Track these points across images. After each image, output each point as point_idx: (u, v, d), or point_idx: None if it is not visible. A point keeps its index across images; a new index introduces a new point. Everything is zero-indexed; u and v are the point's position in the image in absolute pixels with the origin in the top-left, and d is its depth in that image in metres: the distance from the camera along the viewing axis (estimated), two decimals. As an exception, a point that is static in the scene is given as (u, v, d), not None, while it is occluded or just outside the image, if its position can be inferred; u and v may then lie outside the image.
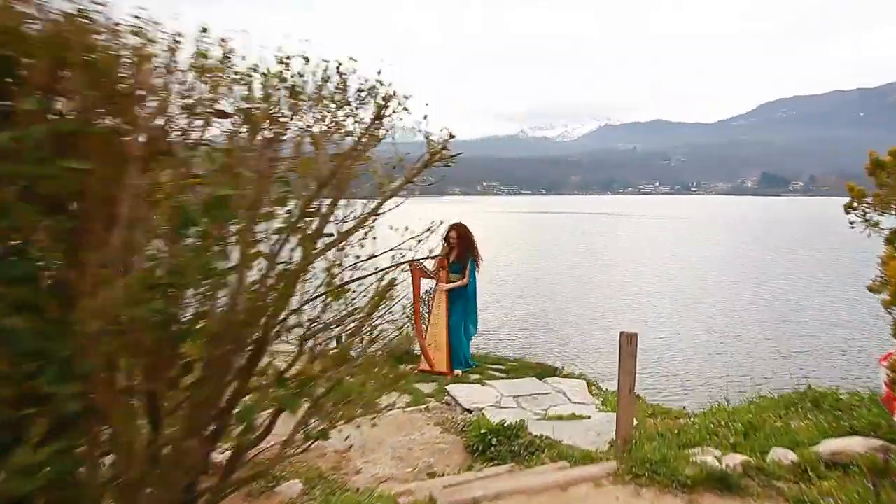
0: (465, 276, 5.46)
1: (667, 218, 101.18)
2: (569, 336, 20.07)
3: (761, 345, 14.02)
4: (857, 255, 28.52)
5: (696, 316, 18.03)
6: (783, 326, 17.51)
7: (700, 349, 13.15)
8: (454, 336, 5.39)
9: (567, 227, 76.75)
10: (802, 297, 21.33)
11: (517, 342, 21.39)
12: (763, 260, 35.48)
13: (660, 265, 41.09)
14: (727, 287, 25.77)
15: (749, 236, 51.51)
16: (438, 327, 5.42)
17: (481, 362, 5.88)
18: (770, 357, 13.80)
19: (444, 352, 5.32)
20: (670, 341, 13.87)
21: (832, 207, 12.64)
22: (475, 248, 5.50)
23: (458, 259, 5.45)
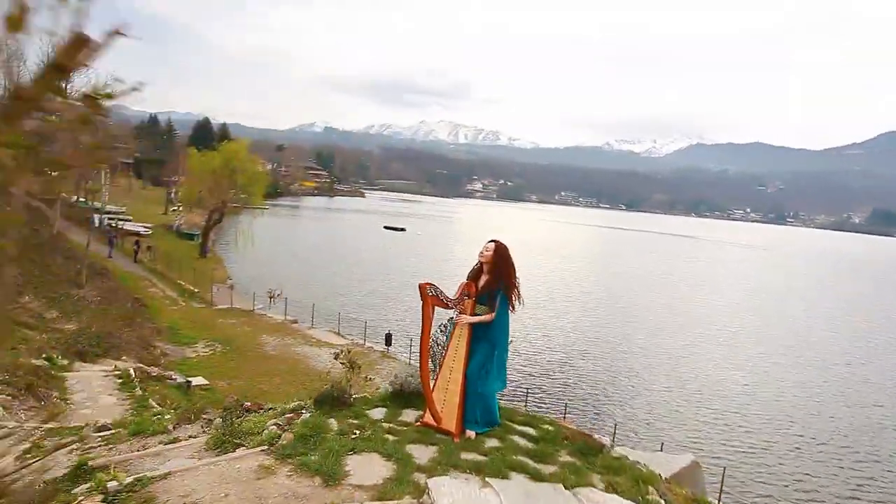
0: (492, 313, 4.12)
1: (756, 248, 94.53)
2: (624, 386, 19.60)
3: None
4: None
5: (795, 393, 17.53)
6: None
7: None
8: (472, 385, 4.05)
9: (644, 249, 73.82)
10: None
11: (562, 382, 21.31)
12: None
13: (747, 308, 39.12)
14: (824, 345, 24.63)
15: (858, 278, 47.83)
16: (453, 371, 4.09)
17: (508, 418, 4.51)
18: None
19: (457, 404, 3.99)
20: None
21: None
22: (512, 277, 4.12)
23: (487, 287, 4.15)
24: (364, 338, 21.18)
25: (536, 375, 18.53)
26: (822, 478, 13.79)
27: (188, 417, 4.94)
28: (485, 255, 4.21)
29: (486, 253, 4.20)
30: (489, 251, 4.20)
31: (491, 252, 4.19)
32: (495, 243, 4.23)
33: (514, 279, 4.20)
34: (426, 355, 4.05)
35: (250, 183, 35.77)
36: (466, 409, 4.06)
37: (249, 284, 28.35)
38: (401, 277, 35.75)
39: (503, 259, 4.19)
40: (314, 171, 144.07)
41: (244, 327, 20.85)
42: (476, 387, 4.09)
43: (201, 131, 74.15)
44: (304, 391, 15.60)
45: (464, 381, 4.09)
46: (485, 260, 4.22)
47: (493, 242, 4.23)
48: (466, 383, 4.09)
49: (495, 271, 4.17)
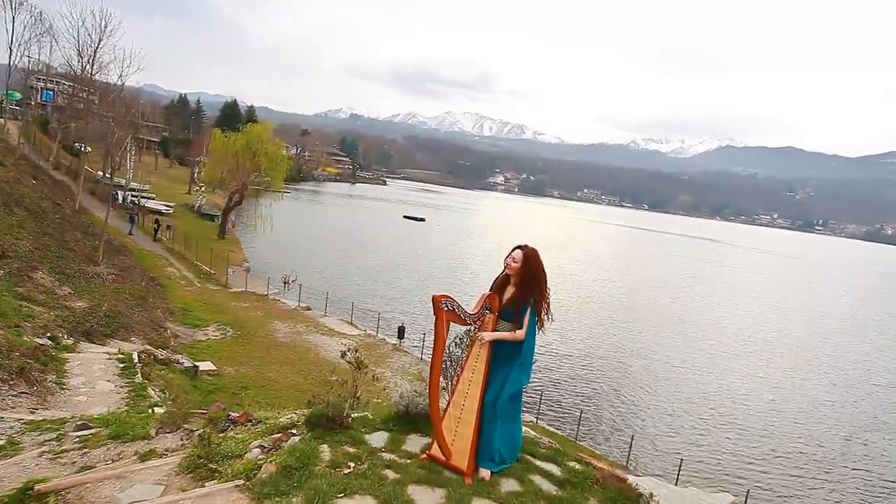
0: (522, 327, 3.42)
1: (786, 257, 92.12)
2: (642, 397, 19.16)
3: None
4: None
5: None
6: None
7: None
8: (489, 415, 3.41)
9: (666, 252, 72.64)
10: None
11: (576, 390, 20.54)
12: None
13: (772, 320, 38.04)
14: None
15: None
16: (468, 397, 3.44)
17: (528, 451, 3.84)
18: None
19: (471, 438, 3.36)
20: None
21: None
22: (543, 290, 3.47)
23: (513, 299, 3.48)
24: (377, 329, 20.77)
25: (550, 382, 17.86)
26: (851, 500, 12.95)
27: (173, 422, 4.45)
28: (512, 268, 3.50)
29: (514, 265, 3.49)
30: (517, 262, 3.48)
31: (519, 264, 3.48)
32: (524, 251, 3.50)
33: (545, 291, 3.50)
34: (437, 379, 3.30)
35: (272, 166, 35.59)
36: (481, 443, 3.41)
37: (265, 268, 28.14)
38: (418, 269, 35.29)
39: (534, 268, 3.48)
40: (337, 157, 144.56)
41: (257, 312, 20.59)
42: (494, 418, 3.41)
43: (229, 112, 74.33)
44: (311, 381, 15.32)
45: (480, 411, 3.41)
46: (512, 272, 3.51)
47: (522, 250, 3.51)
48: (483, 413, 3.42)
49: (524, 282, 3.48)
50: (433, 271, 35.16)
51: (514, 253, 3.52)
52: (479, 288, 32.97)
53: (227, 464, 3.25)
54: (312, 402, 10.35)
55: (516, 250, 3.52)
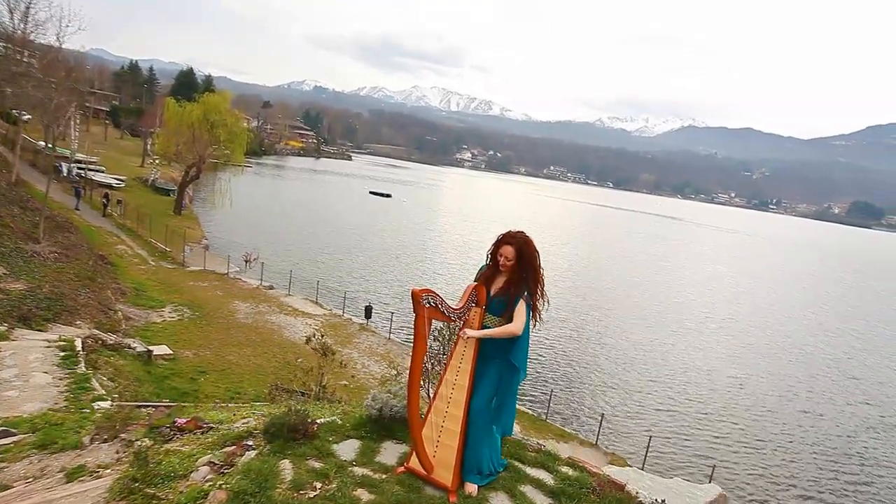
0: (514, 322, 2.98)
1: (742, 234, 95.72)
2: (609, 375, 19.48)
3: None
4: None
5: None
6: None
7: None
8: (476, 423, 2.99)
9: (632, 231, 74.02)
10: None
11: (541, 373, 20.63)
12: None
13: (731, 296, 39.11)
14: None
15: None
16: (452, 403, 3.01)
17: (516, 456, 3.50)
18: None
19: (455, 450, 2.95)
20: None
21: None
22: (538, 280, 3.06)
23: (504, 290, 3.04)
24: (343, 309, 20.23)
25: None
26: (810, 474, 13.38)
27: (111, 428, 3.88)
28: (506, 266, 3.06)
29: (508, 263, 3.05)
30: (511, 260, 3.04)
31: (513, 261, 3.04)
32: (515, 244, 3.03)
33: (540, 281, 3.08)
34: (416, 383, 2.86)
35: (231, 139, 33.92)
36: (467, 454, 3.00)
37: (225, 246, 27.00)
38: (385, 247, 34.62)
39: (530, 258, 3.05)
40: (301, 131, 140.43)
41: (216, 292, 19.68)
42: (482, 426, 3.00)
43: (185, 81, 70.62)
44: (275, 363, 14.73)
45: (465, 419, 2.99)
46: (507, 270, 3.08)
47: (512, 245, 3.03)
48: (469, 421, 3.00)
49: (517, 271, 3.06)
50: (400, 249, 34.57)
51: (503, 249, 3.06)
52: (448, 269, 32.78)
53: (169, 487, 2.75)
54: (275, 393, 9.84)
55: (506, 246, 3.05)
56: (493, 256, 3.12)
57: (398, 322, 19.58)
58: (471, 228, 49.19)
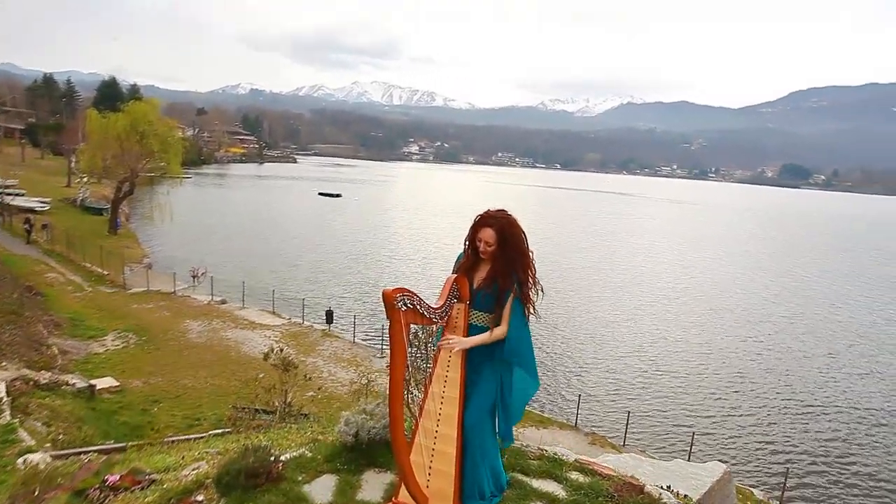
0: (502, 322, 2.56)
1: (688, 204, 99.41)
2: (582, 355, 19.63)
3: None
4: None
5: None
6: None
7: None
8: (472, 443, 2.53)
9: (587, 212, 75.26)
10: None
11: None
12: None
13: (685, 265, 40.06)
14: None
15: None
16: (443, 421, 2.53)
17: (518, 467, 3.02)
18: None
19: (453, 476, 2.47)
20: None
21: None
22: (527, 266, 2.60)
23: (489, 282, 2.58)
24: (303, 316, 19.40)
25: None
26: (783, 429, 13.73)
27: (28, 496, 3.20)
28: (487, 252, 2.58)
29: (490, 249, 2.56)
30: (492, 245, 2.54)
31: (494, 246, 2.55)
32: (496, 225, 2.54)
33: (530, 268, 2.61)
34: (399, 402, 2.30)
35: (165, 149, 32.03)
36: (466, 478, 2.52)
37: (170, 263, 25.46)
38: (340, 248, 33.66)
39: (515, 241, 2.56)
40: (241, 136, 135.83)
41: (164, 312, 18.45)
42: (480, 444, 2.54)
43: (108, 93, 66.24)
44: (235, 382, 13.82)
45: (461, 437, 2.51)
46: (488, 256, 2.59)
47: (492, 227, 2.54)
48: (465, 439, 2.52)
49: (502, 257, 2.57)
50: (357, 249, 33.69)
51: (483, 233, 2.56)
52: (410, 265, 32.13)
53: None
54: (236, 416, 9.09)
55: (485, 229, 2.55)
56: (471, 242, 2.63)
57: (362, 324, 18.95)
58: (426, 222, 48.67)
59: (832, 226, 71.05)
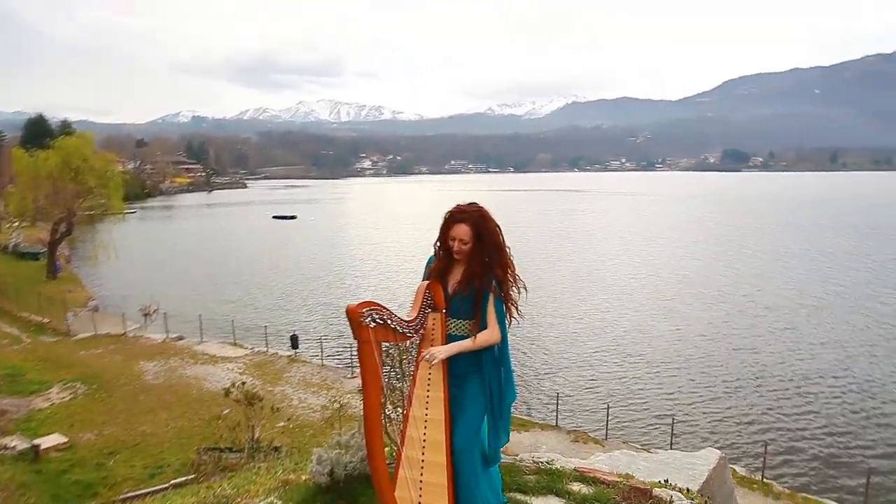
0: (490, 327, 2.29)
1: (639, 195, 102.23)
2: (557, 354, 19.56)
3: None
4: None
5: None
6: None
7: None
8: (465, 468, 2.23)
9: (546, 211, 76.03)
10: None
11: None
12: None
13: (641, 256, 40.50)
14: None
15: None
16: (429, 448, 2.23)
17: (515, 485, 2.81)
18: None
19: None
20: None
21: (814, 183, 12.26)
22: (506, 264, 2.34)
23: (465, 284, 2.31)
24: (266, 344, 18.66)
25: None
26: (759, 406, 14.00)
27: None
28: (462, 251, 2.29)
29: (465, 247, 2.28)
30: (467, 243, 2.27)
31: (470, 244, 2.27)
32: (470, 221, 2.28)
33: (510, 265, 2.35)
34: (377, 433, 2.07)
35: (103, 184, 30.54)
36: None
37: (118, 303, 24.16)
38: (300, 271, 32.81)
39: (491, 237, 2.31)
40: (186, 165, 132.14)
41: (115, 356, 17.37)
42: (473, 468, 2.24)
43: (35, 131, 62.62)
44: (198, 422, 13.02)
45: (450, 464, 2.22)
46: (463, 255, 2.31)
47: (466, 222, 2.27)
48: (456, 464, 2.22)
49: (479, 255, 2.30)
50: (318, 270, 32.89)
51: (456, 230, 2.29)
52: (374, 281, 31.55)
53: None
54: (201, 460, 8.48)
55: (458, 226, 2.28)
56: (442, 242, 2.36)
57: (329, 346, 18.38)
58: (386, 236, 48.18)
59: (773, 206, 74.55)
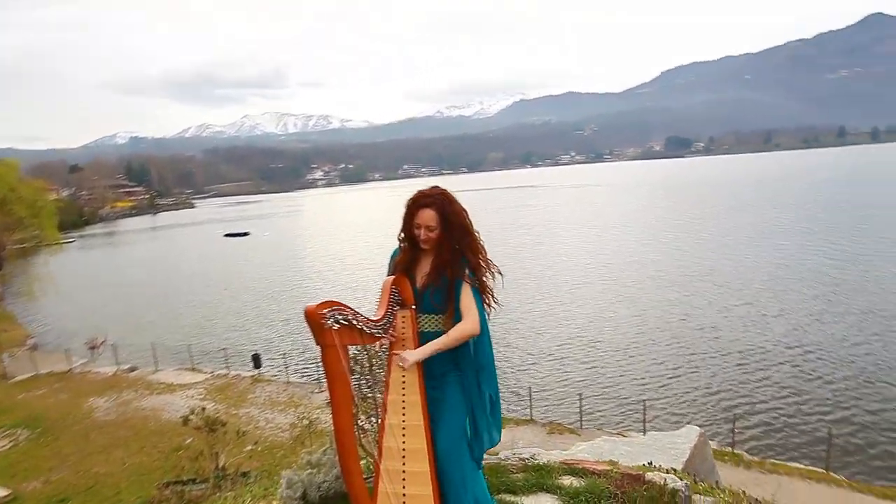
0: (466, 318, 2.07)
1: (590, 187, 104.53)
2: (529, 349, 19.56)
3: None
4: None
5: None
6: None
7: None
8: (450, 473, 2.03)
9: (500, 209, 76.50)
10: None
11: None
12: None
13: (605, 245, 40.84)
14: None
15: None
16: (410, 458, 2.01)
17: (503, 485, 2.69)
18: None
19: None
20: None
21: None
22: (477, 249, 2.17)
23: (436, 275, 2.12)
24: (227, 366, 17.93)
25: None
26: (723, 381, 14.40)
27: None
28: (429, 238, 2.10)
29: (431, 234, 2.09)
30: (434, 230, 2.09)
31: (437, 230, 2.09)
32: (434, 205, 2.07)
33: (481, 250, 2.18)
34: (350, 448, 1.87)
35: (35, 214, 28.72)
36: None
37: (61, 339, 22.77)
38: (257, 288, 31.79)
39: (456, 216, 2.11)
40: (127, 189, 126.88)
41: (60, 395, 16.30)
42: (459, 473, 2.04)
43: (-45, 163, 58.83)
44: (158, 456, 12.27)
45: (435, 472, 2.01)
46: (430, 244, 2.12)
47: (431, 207, 2.07)
48: (440, 471, 2.03)
49: (447, 242, 2.11)
50: (276, 285, 31.95)
51: (421, 216, 2.09)
52: (335, 289, 30.88)
53: None
54: (163, 497, 7.95)
55: (423, 211, 2.08)
56: (407, 232, 2.17)
57: (294, 361, 17.84)
58: (343, 245, 47.41)
59: (716, 190, 77.70)
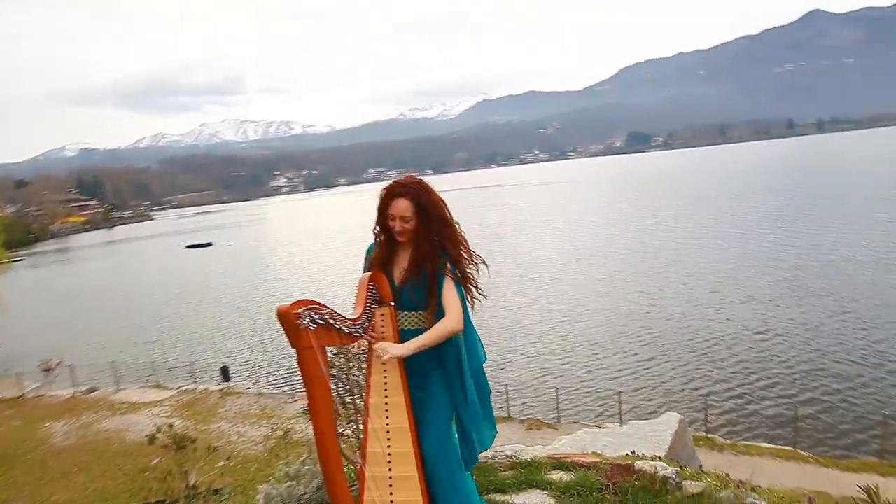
0: (449, 313, 1.92)
1: (555, 184, 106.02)
2: (514, 348, 19.36)
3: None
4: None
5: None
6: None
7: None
8: (439, 475, 1.93)
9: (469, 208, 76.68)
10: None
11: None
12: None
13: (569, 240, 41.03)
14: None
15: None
16: (396, 459, 1.91)
17: (492, 483, 2.63)
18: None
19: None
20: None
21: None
22: (456, 241, 2.03)
23: (414, 269, 1.98)
24: (195, 381, 17.35)
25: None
26: (694, 367, 14.73)
27: None
28: (405, 230, 1.96)
29: (407, 225, 1.95)
30: (409, 221, 1.94)
31: (413, 221, 1.95)
32: (409, 195, 1.93)
33: (461, 240, 2.05)
34: (333, 455, 1.76)
35: (-22, 232, 27.33)
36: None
37: (11, 361, 21.59)
38: (223, 299, 30.96)
39: (432, 206, 1.97)
40: (79, 203, 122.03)
41: (12, 422, 15.48)
42: (448, 473, 1.94)
43: None
44: (123, 479, 11.75)
45: (423, 477, 1.91)
46: (406, 235, 1.98)
47: (406, 196, 1.93)
48: (429, 474, 1.92)
49: (425, 233, 1.97)
50: (244, 296, 31.17)
51: (395, 207, 1.95)
52: (305, 295, 30.01)
53: None
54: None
55: (398, 201, 1.94)
56: (382, 224, 2.04)
57: (265, 372, 17.39)
58: (310, 252, 46.70)
59: (675, 184, 79.89)
